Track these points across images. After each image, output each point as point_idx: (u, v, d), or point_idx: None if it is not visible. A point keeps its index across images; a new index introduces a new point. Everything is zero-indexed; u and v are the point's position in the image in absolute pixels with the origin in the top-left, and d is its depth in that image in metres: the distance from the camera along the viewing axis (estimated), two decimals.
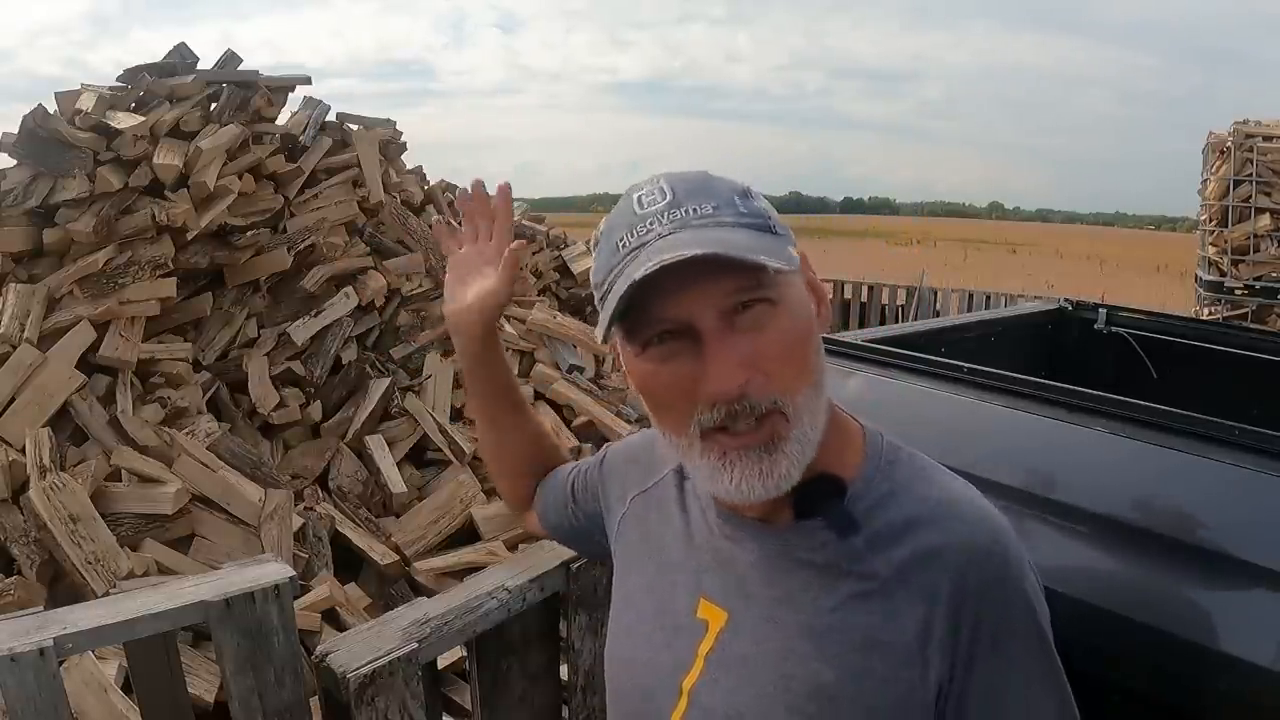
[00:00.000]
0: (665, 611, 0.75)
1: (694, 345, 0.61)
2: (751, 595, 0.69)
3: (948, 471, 0.71)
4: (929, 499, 0.67)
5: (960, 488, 0.69)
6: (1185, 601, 0.94)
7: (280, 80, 4.40)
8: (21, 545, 2.64)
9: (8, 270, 3.39)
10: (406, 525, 3.40)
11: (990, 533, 0.65)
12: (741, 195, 0.65)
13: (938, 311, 8.33)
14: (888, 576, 0.64)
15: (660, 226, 0.62)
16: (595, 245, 0.68)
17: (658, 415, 0.67)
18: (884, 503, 0.67)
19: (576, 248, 6.16)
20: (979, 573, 0.63)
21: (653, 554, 0.79)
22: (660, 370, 0.63)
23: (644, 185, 0.65)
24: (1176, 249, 20.69)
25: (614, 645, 0.80)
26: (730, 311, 0.61)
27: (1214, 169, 7.25)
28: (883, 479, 0.69)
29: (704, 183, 0.65)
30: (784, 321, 0.62)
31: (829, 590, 0.66)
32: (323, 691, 1.10)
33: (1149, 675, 0.92)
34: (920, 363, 1.33)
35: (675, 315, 0.61)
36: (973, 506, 0.67)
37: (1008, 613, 0.63)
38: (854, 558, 0.66)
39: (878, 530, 0.66)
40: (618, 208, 0.67)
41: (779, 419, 0.62)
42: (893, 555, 0.65)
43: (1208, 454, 0.98)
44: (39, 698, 0.99)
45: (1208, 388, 1.62)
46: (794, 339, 0.63)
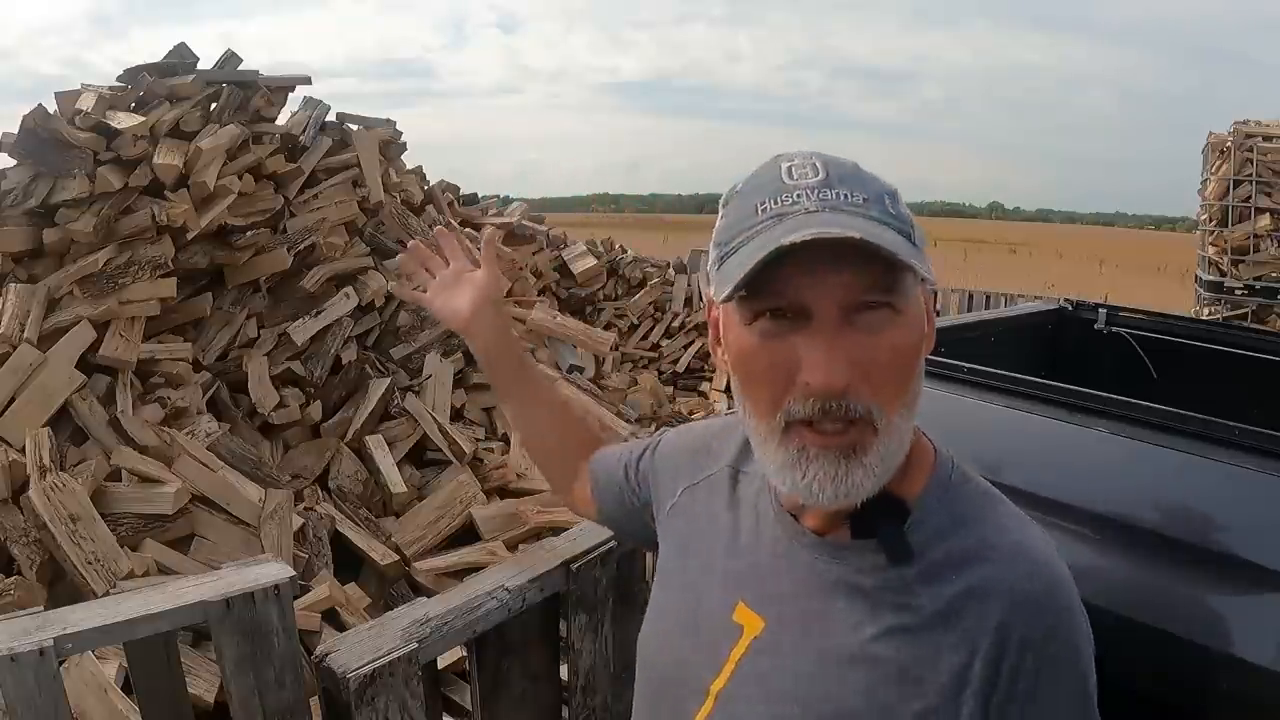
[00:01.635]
0: (701, 609, 0.73)
1: (807, 330, 0.59)
2: (792, 608, 0.67)
3: (1014, 508, 0.67)
4: (989, 537, 0.64)
5: (1023, 529, 0.66)
6: (1186, 601, 0.94)
7: (280, 80, 4.40)
8: (21, 545, 2.64)
9: (8, 270, 3.39)
10: (406, 525, 3.40)
11: (1046, 581, 0.62)
12: (890, 196, 0.62)
13: (938, 311, 8.32)
14: (933, 613, 0.61)
15: (808, 201, 0.59)
16: (724, 204, 0.65)
17: (748, 392, 0.63)
18: (942, 534, 0.64)
19: (576, 248, 6.17)
20: (1026, 622, 0.60)
21: (696, 549, 0.78)
22: (764, 347, 0.60)
23: (795, 157, 0.63)
24: (1176, 249, 20.68)
25: (648, 634, 0.79)
26: (853, 308, 0.58)
27: (1214, 169, 7.25)
28: (945, 509, 0.66)
29: (856, 172, 0.62)
30: (902, 333, 0.60)
31: (871, 617, 0.63)
32: (323, 691, 1.10)
33: (1150, 675, 0.92)
34: None
35: (797, 296, 0.58)
36: (1032, 550, 0.63)
37: (1051, 667, 0.60)
38: (902, 588, 0.63)
39: (932, 562, 0.63)
40: (760, 172, 0.64)
41: (868, 430, 0.59)
42: (942, 591, 0.62)
43: (1208, 454, 0.98)
44: (39, 698, 0.99)
45: (1208, 388, 1.62)
46: (906, 353, 0.61)
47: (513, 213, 6.34)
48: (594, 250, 6.22)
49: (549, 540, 1.44)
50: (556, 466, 1.04)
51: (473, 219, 5.74)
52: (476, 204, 6.11)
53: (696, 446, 0.85)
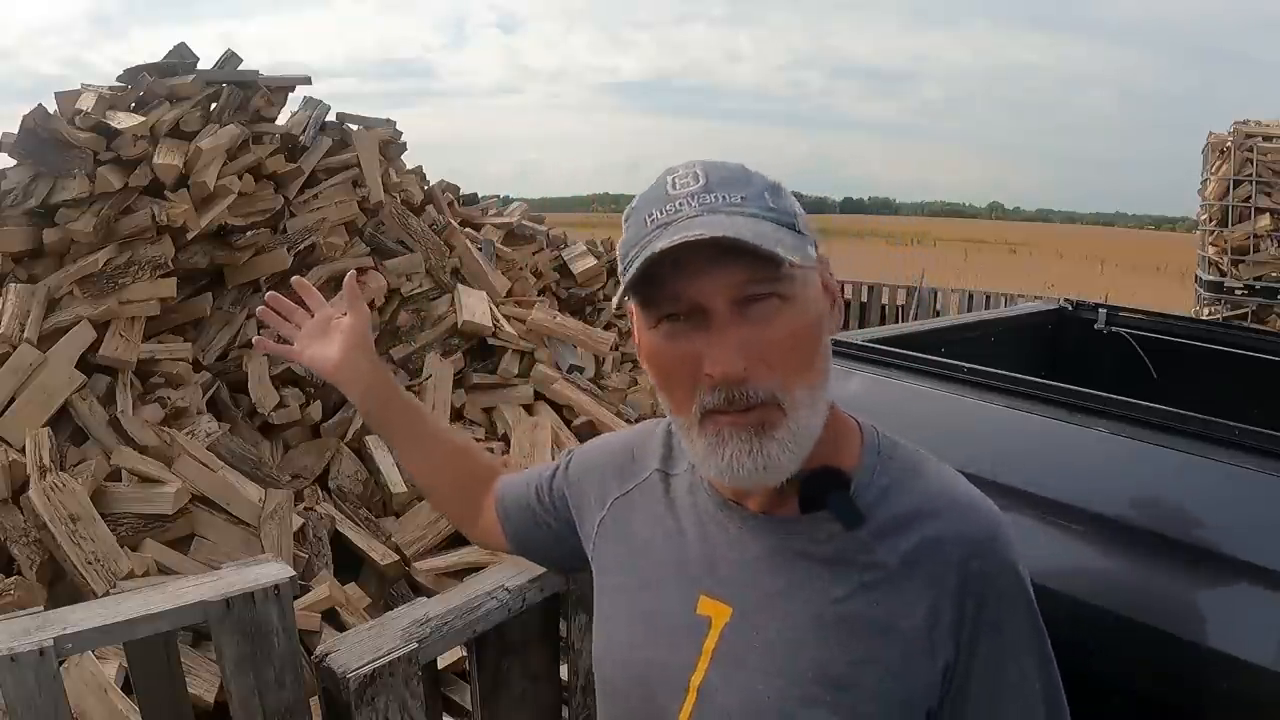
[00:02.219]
0: (661, 611, 0.74)
1: (704, 327, 0.63)
2: (757, 588, 0.70)
3: (941, 463, 0.73)
4: (929, 491, 0.70)
5: (956, 479, 0.72)
6: (1185, 601, 0.94)
7: (280, 80, 4.40)
8: (21, 545, 2.64)
9: (8, 270, 3.39)
10: (406, 525, 3.40)
11: (988, 522, 0.69)
12: (772, 190, 0.66)
13: (938, 311, 8.33)
14: (895, 566, 0.66)
15: (689, 208, 0.64)
16: (626, 220, 0.70)
17: (664, 390, 0.68)
18: (886, 495, 0.69)
19: (576, 248, 6.16)
20: (980, 560, 0.66)
21: (640, 555, 0.79)
22: (668, 347, 0.65)
23: (679, 168, 0.67)
24: (1176, 249, 20.69)
25: (606, 648, 0.80)
26: (742, 300, 0.62)
27: (1214, 169, 7.25)
28: (883, 472, 0.71)
29: (737, 173, 0.67)
30: (793, 317, 0.64)
31: (837, 581, 0.67)
32: (323, 691, 1.10)
33: (1149, 675, 0.92)
34: (920, 363, 1.33)
35: (689, 295, 0.63)
36: (970, 497, 0.70)
37: (1006, 594, 0.67)
38: (861, 549, 0.67)
39: (882, 522, 0.68)
40: (651, 187, 0.68)
41: (774, 410, 0.64)
42: (898, 545, 0.67)
43: (1208, 454, 0.98)
44: (39, 698, 0.99)
45: (1208, 388, 1.62)
46: (801, 335, 0.64)
47: (513, 213, 6.34)
48: (594, 250, 6.21)
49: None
50: (455, 502, 1.04)
51: (473, 219, 5.73)
52: (476, 204, 6.11)
53: (617, 458, 0.87)
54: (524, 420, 4.17)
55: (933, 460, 0.73)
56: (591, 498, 0.87)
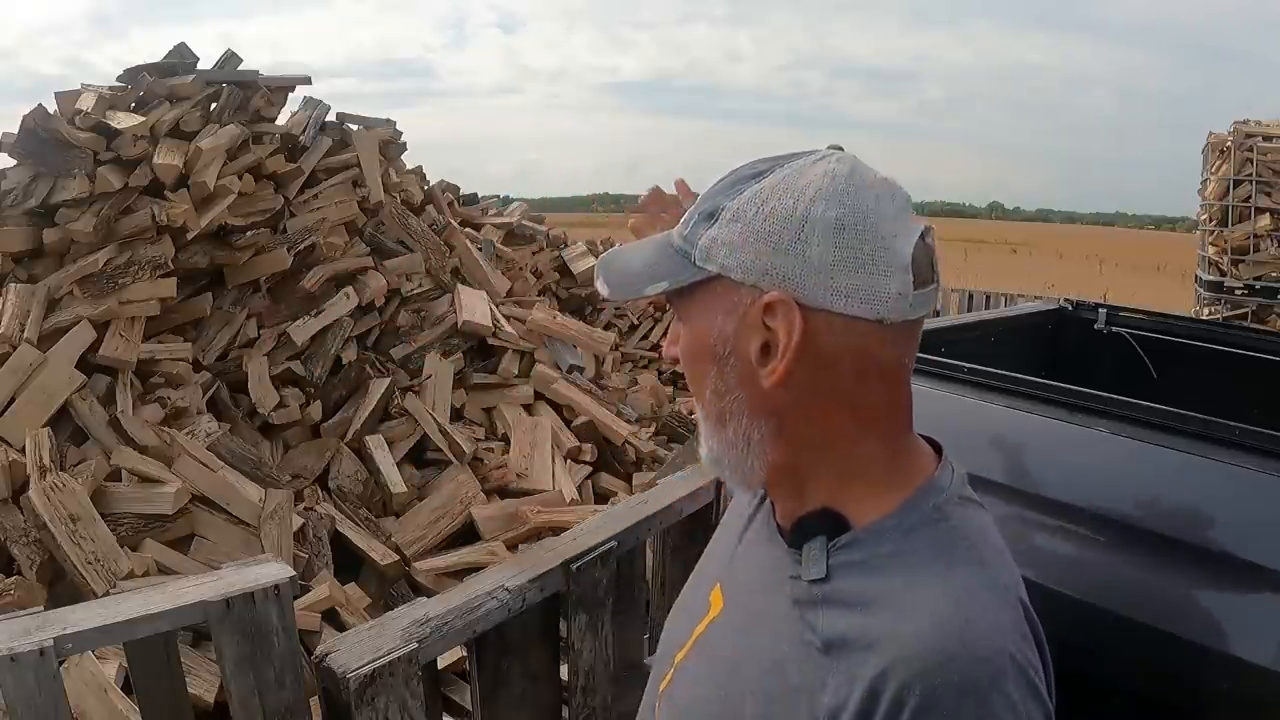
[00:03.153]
0: (694, 588, 0.78)
1: None
2: (740, 599, 0.70)
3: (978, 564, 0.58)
4: (915, 583, 0.56)
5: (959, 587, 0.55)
6: (1185, 601, 0.93)
7: (280, 80, 4.41)
8: (21, 545, 2.64)
9: (8, 270, 3.39)
10: (406, 525, 3.40)
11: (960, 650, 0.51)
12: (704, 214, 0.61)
13: (938, 311, 8.32)
14: (825, 642, 0.57)
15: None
16: None
17: None
18: (868, 568, 0.58)
19: (576, 248, 6.16)
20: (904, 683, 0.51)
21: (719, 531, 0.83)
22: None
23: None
24: (1176, 249, 20.68)
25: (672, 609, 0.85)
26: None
27: (1214, 169, 7.25)
28: (891, 541, 0.59)
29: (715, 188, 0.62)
30: (685, 338, 0.65)
31: (793, 626, 0.60)
32: (323, 691, 1.10)
33: (1149, 675, 0.92)
34: (920, 363, 1.32)
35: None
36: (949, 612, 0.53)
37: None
38: (810, 606, 0.59)
39: (842, 590, 0.58)
40: None
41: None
42: (838, 622, 0.57)
43: (1208, 454, 0.98)
44: (39, 698, 0.99)
45: (1208, 388, 1.62)
46: (688, 358, 0.65)
47: (513, 213, 6.34)
48: (594, 250, 6.21)
49: (549, 540, 1.44)
50: None
51: (473, 219, 5.73)
52: (476, 204, 6.11)
53: None
54: (524, 420, 4.17)
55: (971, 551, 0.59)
56: None
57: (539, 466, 3.84)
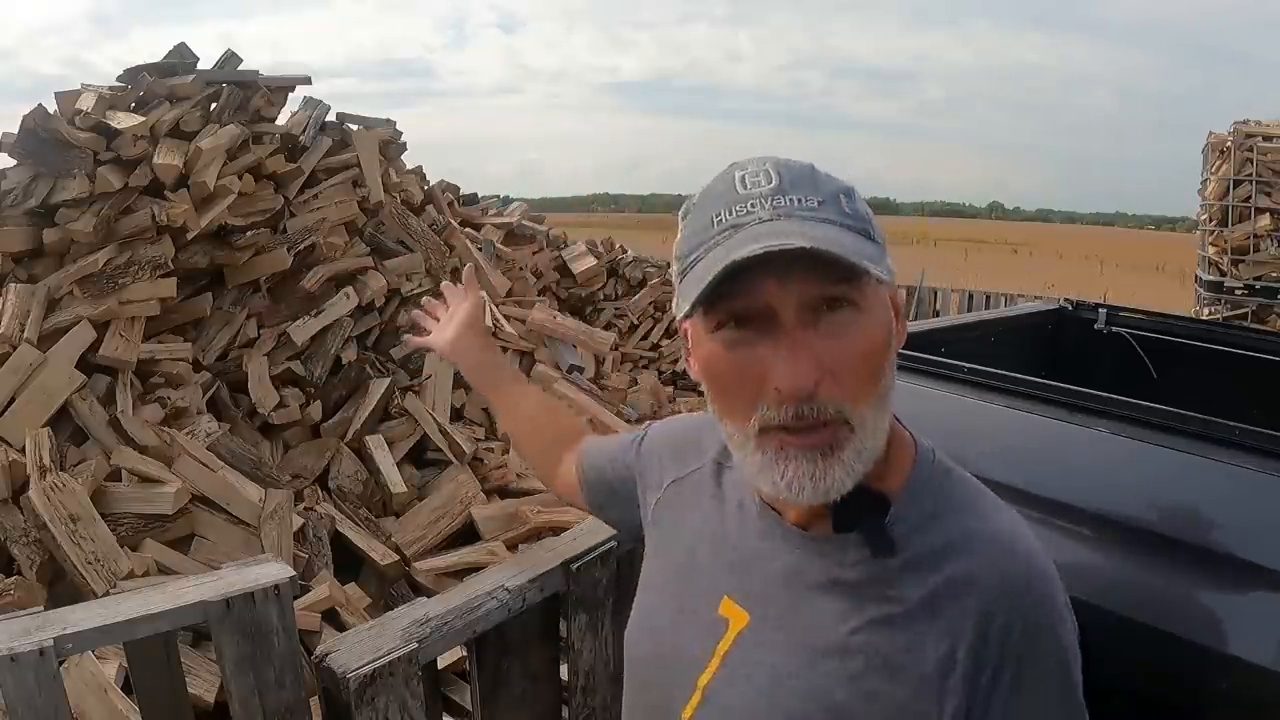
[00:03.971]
0: (687, 604, 0.74)
1: (771, 335, 0.59)
2: (776, 602, 0.68)
3: (995, 499, 0.68)
4: (969, 528, 0.64)
5: (1006, 520, 0.66)
6: (1185, 601, 0.94)
7: (280, 80, 4.40)
8: (21, 545, 2.64)
9: (8, 270, 3.39)
10: (406, 525, 3.40)
11: (1028, 571, 0.63)
12: (845, 194, 0.63)
13: (938, 311, 8.34)
14: (916, 603, 0.62)
15: (762, 210, 0.60)
16: (683, 217, 0.66)
17: (720, 400, 0.64)
18: (924, 527, 0.65)
19: (576, 248, 6.17)
20: (1009, 611, 0.60)
21: (682, 543, 0.78)
22: (730, 355, 0.61)
23: (749, 165, 0.63)
24: (1176, 249, 20.69)
25: (635, 631, 0.80)
26: (815, 309, 0.59)
27: (1214, 169, 7.25)
28: (926, 501, 0.66)
29: (810, 175, 0.63)
30: (866, 330, 0.60)
31: (855, 609, 0.64)
32: (323, 691, 1.10)
33: (1149, 675, 0.92)
34: (920, 363, 1.32)
35: (759, 300, 0.59)
36: (1014, 541, 0.64)
37: (1035, 656, 0.60)
38: (885, 580, 0.63)
39: (913, 554, 0.64)
40: (715, 183, 0.65)
41: (843, 428, 0.60)
42: (924, 582, 0.62)
43: (1208, 454, 0.98)
44: (39, 698, 0.99)
45: (1208, 388, 1.62)
46: (873, 349, 0.61)
47: (513, 213, 6.34)
48: (594, 250, 6.21)
49: (549, 540, 1.44)
50: (541, 458, 1.11)
51: (473, 219, 5.73)
52: (476, 204, 6.11)
53: (683, 440, 0.86)
54: None
55: (988, 496, 0.68)
56: (653, 477, 0.87)
57: None
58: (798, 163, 0.63)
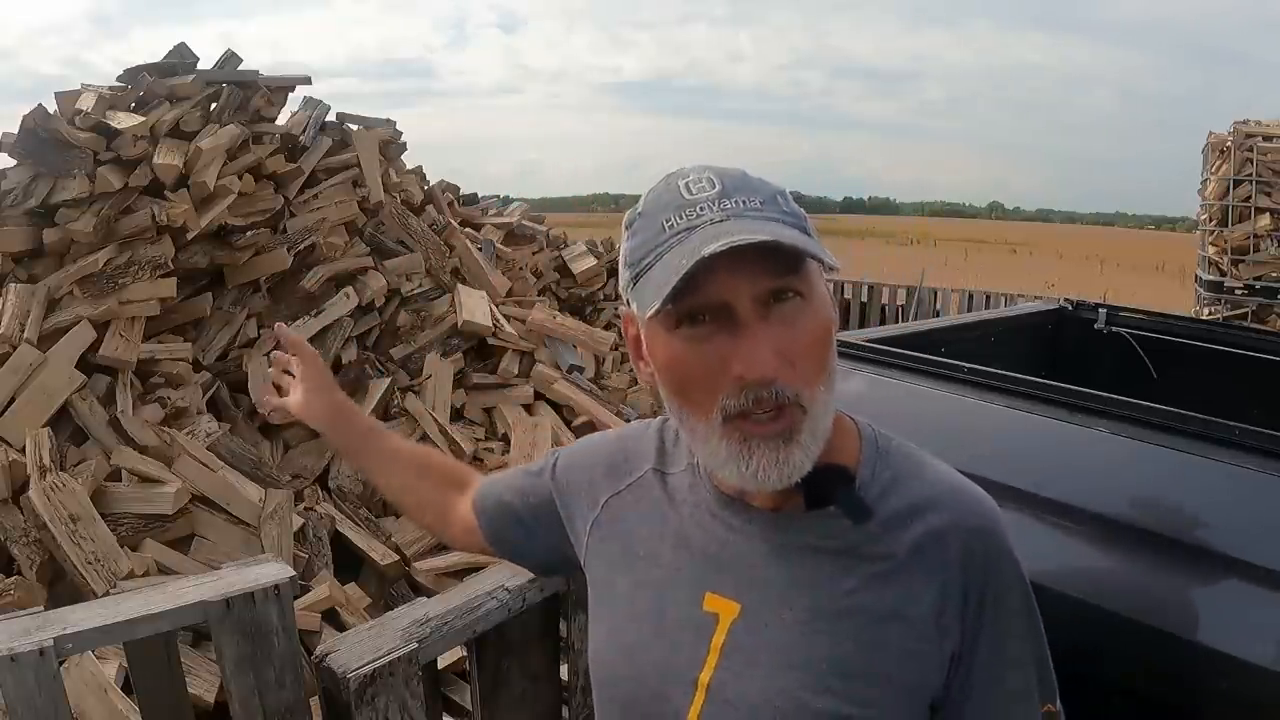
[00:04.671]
0: (664, 611, 0.74)
1: (728, 329, 0.63)
2: (767, 584, 0.70)
3: (934, 457, 0.76)
4: (929, 483, 0.72)
5: (951, 472, 0.74)
6: (1185, 601, 0.94)
7: (280, 80, 4.41)
8: (21, 545, 2.64)
9: (8, 270, 3.39)
10: (406, 525, 3.40)
11: (987, 511, 0.72)
12: (781, 195, 0.68)
13: (938, 311, 8.33)
14: (903, 557, 0.68)
15: (711, 213, 0.64)
16: (629, 225, 0.69)
17: (681, 396, 0.67)
18: (890, 489, 0.71)
19: (576, 248, 6.16)
20: (982, 547, 0.69)
21: (638, 555, 0.78)
22: (692, 350, 0.64)
23: (689, 173, 0.68)
24: (1176, 249, 20.69)
25: (605, 651, 0.79)
26: (766, 301, 0.63)
27: (1214, 169, 7.25)
28: (884, 467, 0.72)
29: (747, 180, 0.67)
30: (813, 317, 0.65)
31: (847, 573, 0.69)
32: (323, 691, 1.10)
33: (1149, 675, 0.92)
34: (920, 363, 1.33)
35: (716, 296, 0.62)
36: (969, 489, 0.73)
37: (1007, 578, 0.70)
38: (869, 541, 0.69)
39: (887, 515, 0.70)
40: (660, 190, 0.68)
41: (797, 412, 0.64)
42: (905, 537, 0.69)
43: (1208, 454, 0.99)
44: (39, 698, 0.99)
45: (1208, 388, 1.62)
46: (820, 335, 0.66)
47: (513, 213, 6.34)
48: (594, 250, 6.21)
49: None
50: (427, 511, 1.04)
51: (472, 219, 5.73)
52: (476, 204, 6.11)
53: (608, 457, 0.86)
54: (524, 420, 4.17)
55: (926, 455, 0.76)
56: (582, 498, 0.85)
57: None
58: (731, 169, 0.69)
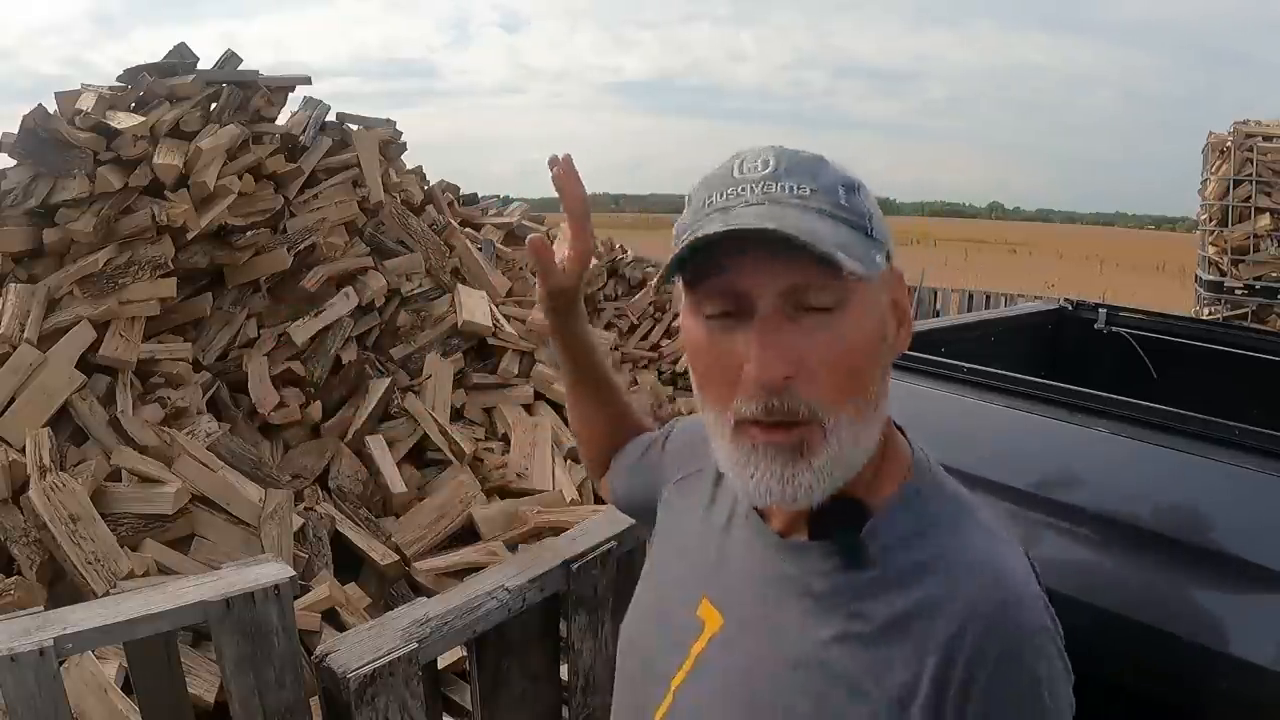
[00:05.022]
0: (670, 603, 0.74)
1: (748, 324, 0.58)
2: (749, 607, 0.67)
3: (987, 521, 0.64)
4: (951, 547, 0.61)
5: (991, 542, 0.62)
6: (1185, 601, 0.93)
7: (280, 80, 4.40)
8: (21, 545, 2.64)
9: (8, 270, 3.39)
10: (406, 525, 3.40)
11: (1004, 598, 0.58)
12: (846, 186, 0.60)
13: (938, 311, 8.33)
14: (884, 623, 0.60)
15: (750, 194, 0.59)
16: (688, 199, 0.65)
17: (702, 386, 0.63)
18: (905, 543, 0.62)
19: None
20: (982, 637, 0.56)
21: (673, 542, 0.80)
22: (711, 340, 0.60)
23: (749, 152, 0.63)
24: (1176, 249, 20.69)
25: (627, 626, 0.81)
26: (793, 301, 0.57)
27: (1214, 169, 7.25)
28: (910, 516, 0.63)
29: (811, 164, 0.61)
30: (848, 328, 0.58)
31: (822, 622, 0.62)
32: (323, 691, 1.10)
33: (1149, 675, 0.92)
34: (920, 363, 1.32)
35: (736, 285, 0.58)
36: (994, 566, 0.60)
37: (1005, 690, 0.56)
38: (855, 595, 0.61)
39: (892, 571, 0.61)
40: (718, 167, 0.64)
41: (815, 429, 0.58)
42: (894, 602, 0.60)
43: (1208, 454, 0.98)
44: (39, 698, 0.99)
45: (1208, 388, 1.62)
46: (853, 349, 0.58)
47: (513, 213, 6.34)
48: (594, 250, 6.21)
49: (549, 540, 1.44)
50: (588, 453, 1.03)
51: (473, 219, 5.73)
52: (476, 204, 6.11)
53: (695, 440, 0.84)
54: (524, 420, 4.17)
55: (978, 514, 0.64)
56: (668, 472, 0.87)
57: (539, 466, 3.84)
58: (806, 152, 0.62)
